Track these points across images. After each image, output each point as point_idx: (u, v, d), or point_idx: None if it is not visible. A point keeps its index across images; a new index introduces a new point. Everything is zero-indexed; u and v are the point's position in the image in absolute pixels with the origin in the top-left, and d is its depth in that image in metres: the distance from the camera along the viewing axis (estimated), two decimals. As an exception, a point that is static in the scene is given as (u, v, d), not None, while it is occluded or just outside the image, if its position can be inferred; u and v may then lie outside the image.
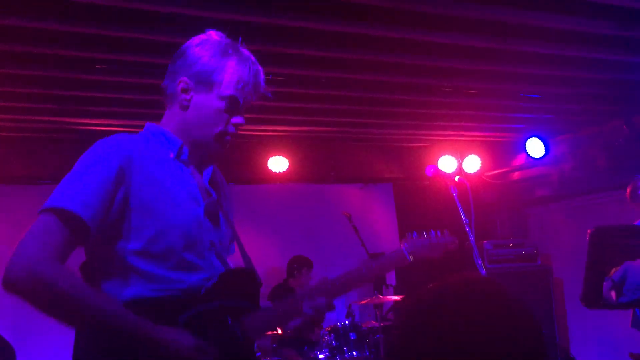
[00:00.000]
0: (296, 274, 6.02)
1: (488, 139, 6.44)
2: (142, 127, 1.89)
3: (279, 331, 4.64)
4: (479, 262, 2.38)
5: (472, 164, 6.33)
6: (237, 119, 1.84)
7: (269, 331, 1.87)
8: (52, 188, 1.62)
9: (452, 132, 6.14)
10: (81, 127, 5.23)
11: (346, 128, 5.88)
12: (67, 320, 1.58)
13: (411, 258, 2.16)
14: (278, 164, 5.97)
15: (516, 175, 6.53)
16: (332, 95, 4.74)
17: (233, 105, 1.82)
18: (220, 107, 1.81)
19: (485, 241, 5.94)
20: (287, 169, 6.01)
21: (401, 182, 7.11)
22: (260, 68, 1.88)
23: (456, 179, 2.52)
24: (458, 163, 6.25)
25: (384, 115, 5.45)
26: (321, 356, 4.93)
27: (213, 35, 1.86)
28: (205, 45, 1.82)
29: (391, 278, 6.43)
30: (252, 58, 1.87)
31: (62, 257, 1.55)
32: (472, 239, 2.40)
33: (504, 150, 6.54)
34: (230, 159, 5.24)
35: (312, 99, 4.81)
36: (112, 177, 1.63)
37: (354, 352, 5.03)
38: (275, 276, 6.31)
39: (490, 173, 6.52)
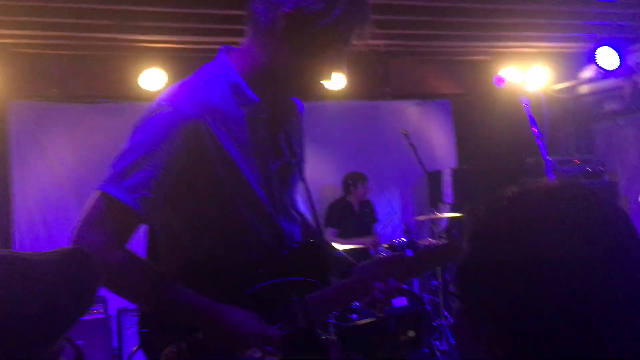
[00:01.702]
0: (352, 189, 6.04)
1: (555, 49, 6.08)
2: (196, 43, 1.71)
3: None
4: (552, 177, 2.25)
5: (537, 76, 6.02)
6: (336, 69, 1.61)
7: (333, 310, 1.80)
8: (111, 107, 1.51)
9: (516, 43, 5.81)
10: (137, 44, 5.20)
11: (403, 41, 5.64)
12: (133, 303, 1.58)
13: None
14: (334, 80, 5.82)
15: (584, 88, 6.19)
16: (390, 4, 4.52)
17: (337, 55, 1.59)
18: (323, 54, 1.57)
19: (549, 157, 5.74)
20: (343, 85, 5.86)
21: (460, 97, 6.86)
22: (370, 18, 1.59)
23: (530, 90, 2.34)
24: (522, 76, 5.96)
25: (443, 26, 5.19)
26: (378, 272, 4.96)
27: None
28: None
29: (448, 194, 6.35)
30: (367, 4, 1.60)
31: (120, 241, 1.48)
32: (544, 153, 2.26)
33: (572, 62, 6.15)
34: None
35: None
36: (175, 158, 1.48)
37: (425, 272, 5.04)
38: (330, 193, 6.32)
39: (556, 87, 6.20)
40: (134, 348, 4.21)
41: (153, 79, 5.44)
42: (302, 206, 1.87)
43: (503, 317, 0.76)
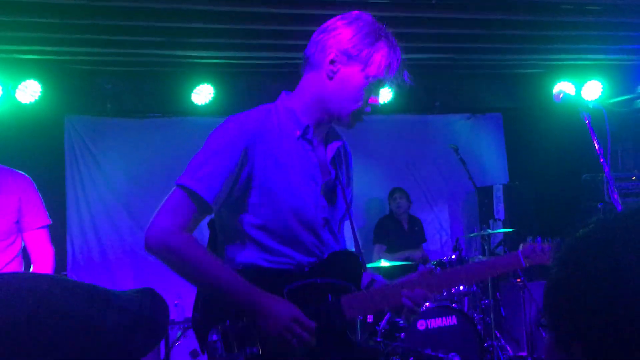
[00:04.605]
0: (392, 202, 5.96)
1: (611, 62, 5.89)
2: (244, 59, 1.92)
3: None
4: (615, 196, 2.15)
5: (593, 90, 5.84)
6: (374, 100, 1.92)
7: (365, 313, 1.93)
8: (162, 122, 1.62)
9: (570, 56, 5.66)
10: (186, 60, 5.29)
11: (453, 54, 5.55)
12: (190, 281, 1.82)
13: (526, 263, 2.09)
14: (381, 94, 5.77)
15: (643, 102, 5.97)
16: (442, 18, 4.46)
17: (377, 86, 1.91)
18: (364, 85, 1.88)
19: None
20: (391, 99, 5.81)
21: (511, 111, 6.72)
22: (402, 58, 1.93)
23: (590, 105, 2.25)
24: (578, 89, 5.79)
25: (494, 39, 5.08)
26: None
27: (364, 15, 1.93)
28: (359, 23, 1.89)
29: (499, 211, 6.20)
30: (398, 47, 1.93)
31: (189, 228, 1.81)
32: (607, 170, 2.15)
33: (630, 74, 5.95)
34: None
35: (419, 23, 4.55)
36: (236, 161, 1.81)
37: (461, 286, 4.92)
38: (377, 207, 6.26)
39: (612, 100, 5.99)
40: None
41: (202, 94, 5.52)
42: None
43: (595, 347, 0.73)
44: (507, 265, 2.09)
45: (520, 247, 2.11)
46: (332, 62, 1.87)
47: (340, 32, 1.88)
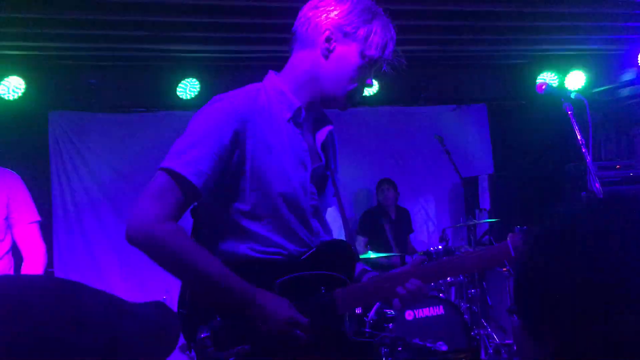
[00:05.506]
0: (379, 193, 5.99)
1: (594, 52, 5.94)
2: (230, 52, 1.87)
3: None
4: (597, 185, 2.18)
5: (576, 80, 5.89)
6: (369, 81, 1.84)
7: (359, 306, 1.87)
8: (147, 116, 1.58)
9: (553, 46, 5.71)
10: (172, 54, 5.26)
11: (438, 46, 5.58)
12: (176, 275, 1.69)
13: (515, 253, 1.93)
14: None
15: (625, 91, 6.03)
16: (424, 10, 4.47)
17: (372, 66, 1.82)
18: (361, 65, 1.79)
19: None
20: (376, 90, 5.83)
21: (496, 102, 6.76)
22: (395, 37, 1.86)
23: (572, 95, 2.27)
24: (561, 79, 5.84)
25: (479, 30, 5.12)
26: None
27: None
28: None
29: (485, 201, 6.25)
30: (391, 25, 1.86)
31: (175, 216, 1.65)
32: (589, 160, 2.19)
33: (612, 64, 6.01)
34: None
35: (402, 15, 4.56)
36: (226, 144, 1.68)
37: (448, 277, 4.96)
38: (364, 198, 6.29)
39: (596, 90, 6.05)
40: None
41: (188, 88, 5.51)
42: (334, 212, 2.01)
43: (565, 333, 0.75)
44: (497, 255, 1.92)
45: (509, 237, 1.92)
46: (328, 39, 1.77)
47: (335, 9, 1.77)
